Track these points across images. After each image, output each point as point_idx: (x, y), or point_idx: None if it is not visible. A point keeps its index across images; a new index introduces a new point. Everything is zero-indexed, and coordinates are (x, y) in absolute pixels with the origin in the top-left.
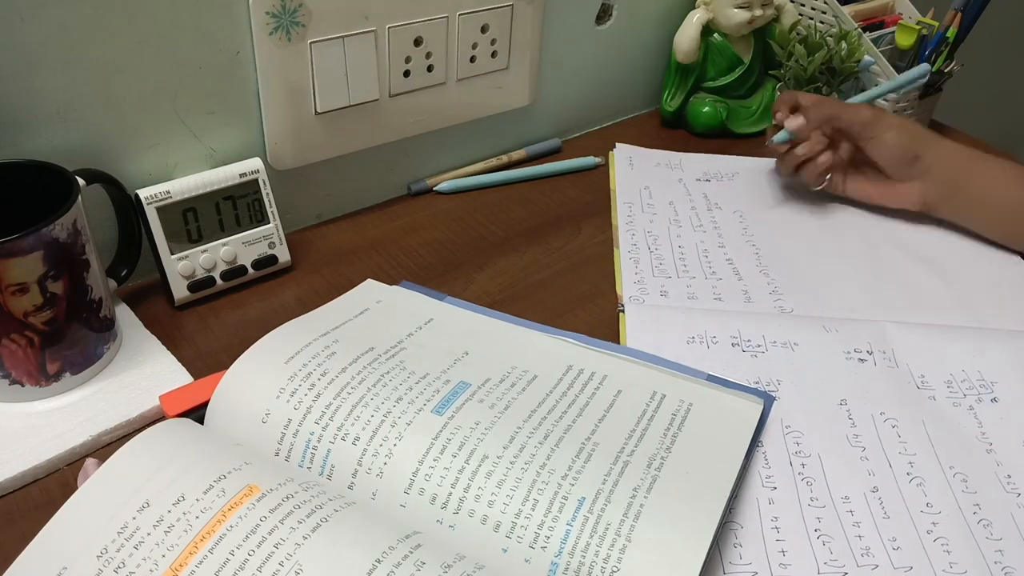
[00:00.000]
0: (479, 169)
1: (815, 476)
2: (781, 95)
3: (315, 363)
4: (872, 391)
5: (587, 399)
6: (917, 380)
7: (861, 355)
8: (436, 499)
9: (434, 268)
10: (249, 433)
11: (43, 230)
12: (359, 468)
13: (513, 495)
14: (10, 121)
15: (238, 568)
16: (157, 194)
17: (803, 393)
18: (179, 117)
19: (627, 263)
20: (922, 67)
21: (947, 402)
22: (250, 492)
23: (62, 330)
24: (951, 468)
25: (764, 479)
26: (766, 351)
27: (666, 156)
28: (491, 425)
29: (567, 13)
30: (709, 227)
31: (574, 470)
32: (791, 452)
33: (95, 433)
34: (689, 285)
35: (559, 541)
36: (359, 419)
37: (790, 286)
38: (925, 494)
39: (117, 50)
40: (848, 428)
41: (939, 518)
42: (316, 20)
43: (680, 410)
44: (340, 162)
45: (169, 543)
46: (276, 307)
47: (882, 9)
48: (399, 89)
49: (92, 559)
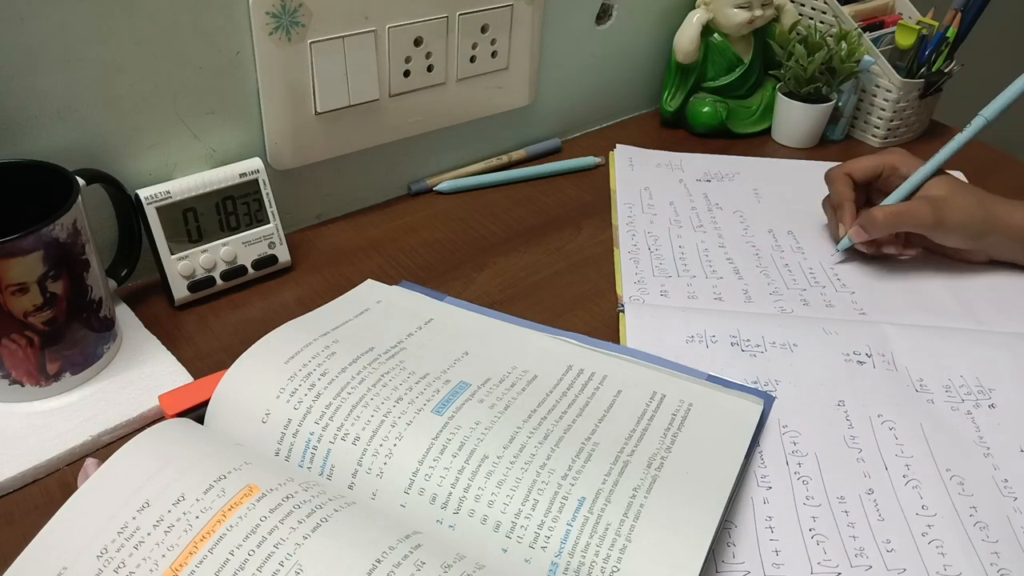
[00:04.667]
0: (479, 169)
1: (811, 476)
2: (835, 194)
3: (315, 363)
4: (870, 393)
5: (587, 399)
6: (916, 383)
7: (860, 357)
8: (436, 499)
9: (434, 268)
10: (249, 433)
11: (43, 230)
12: (359, 468)
13: (513, 495)
14: (10, 121)
15: (238, 568)
16: (157, 194)
17: (801, 393)
18: (179, 117)
19: (627, 263)
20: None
21: (945, 406)
22: (250, 492)
23: (62, 330)
24: (948, 471)
25: (759, 478)
26: (765, 351)
27: (667, 156)
28: (491, 425)
29: (567, 13)
30: (709, 227)
31: (574, 470)
32: (787, 451)
33: (95, 433)
34: (689, 284)
35: (559, 541)
36: (359, 419)
37: (791, 286)
38: (921, 496)
39: (117, 50)
40: (845, 429)
41: (935, 520)
42: (316, 20)
43: (680, 410)
44: (340, 162)
45: (169, 543)
46: (276, 307)
47: (882, 9)
48: (399, 89)
49: (92, 559)
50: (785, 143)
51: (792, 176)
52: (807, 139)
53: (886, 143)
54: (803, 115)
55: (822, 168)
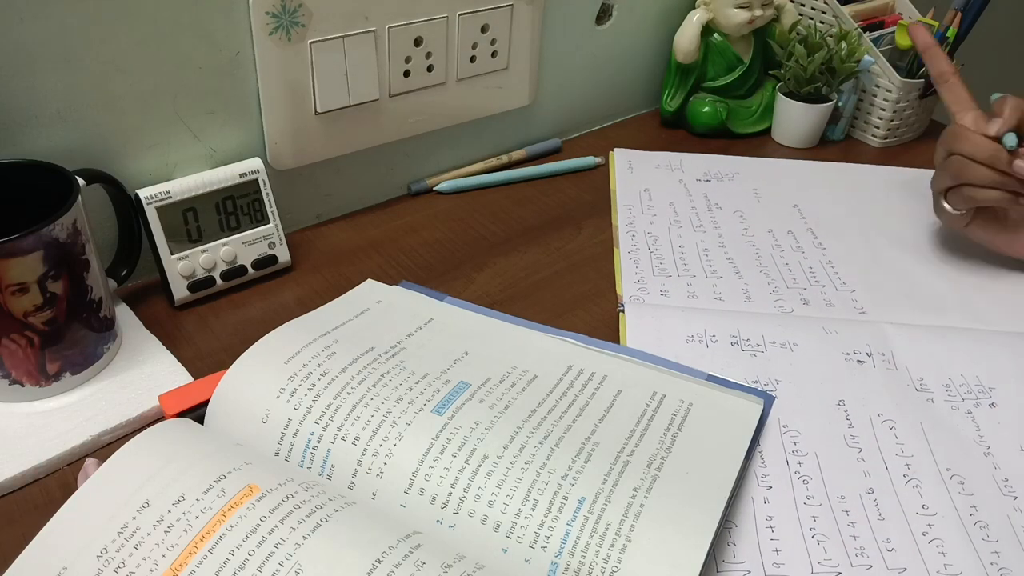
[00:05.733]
0: (479, 169)
1: (811, 475)
2: (1002, 104)
3: (315, 363)
4: (871, 392)
5: (587, 399)
6: (916, 383)
7: (860, 356)
8: (436, 499)
9: (434, 268)
10: (249, 433)
11: (43, 230)
12: (359, 468)
13: (513, 495)
14: (10, 121)
15: (238, 568)
16: (157, 194)
17: (801, 393)
18: (179, 117)
19: (627, 263)
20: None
21: (945, 405)
22: (250, 492)
23: (62, 330)
24: (948, 470)
25: (760, 478)
26: (765, 351)
27: (666, 157)
28: (491, 425)
29: (567, 13)
30: (709, 227)
31: (574, 470)
32: (788, 451)
33: (95, 433)
34: (690, 284)
35: (559, 541)
36: (359, 419)
37: (790, 286)
38: (921, 496)
39: (117, 50)
40: (846, 428)
41: (935, 520)
42: (316, 20)
43: (680, 410)
44: (340, 162)
45: (169, 543)
46: (276, 307)
47: (882, 9)
48: (399, 89)
49: (92, 559)
50: (785, 143)
51: (792, 176)
52: (807, 139)
53: (886, 143)
54: (803, 115)
55: (821, 168)
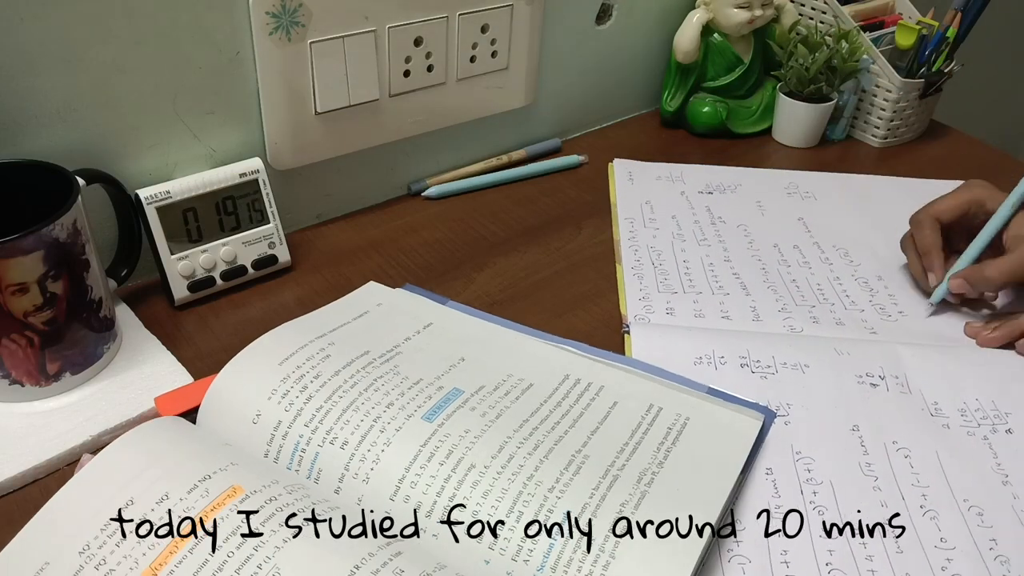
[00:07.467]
0: (479, 169)
1: (827, 505)
2: (921, 239)
3: (309, 365)
4: (885, 418)
5: (582, 410)
6: (931, 407)
7: (873, 379)
8: (421, 507)
9: (434, 268)
10: (239, 433)
11: (43, 230)
12: (346, 473)
13: (498, 506)
14: (10, 121)
15: (217, 569)
16: (157, 194)
17: (814, 418)
18: (179, 117)
19: (631, 279)
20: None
21: (961, 431)
22: (234, 493)
23: (62, 330)
24: (966, 501)
25: (774, 508)
26: (776, 372)
27: (667, 168)
28: (481, 434)
29: (567, 13)
30: (714, 241)
31: (561, 483)
32: (802, 479)
33: (95, 433)
34: (696, 301)
35: (542, 555)
36: (348, 423)
37: (799, 303)
38: (939, 528)
39: (117, 50)
40: (861, 455)
41: (954, 554)
42: (316, 20)
43: (676, 424)
44: (340, 162)
45: (150, 541)
46: (276, 307)
47: (882, 9)
48: (399, 89)
49: (74, 555)
50: (786, 143)
51: (795, 187)
52: (808, 139)
53: (886, 143)
54: (804, 115)
55: (821, 178)
